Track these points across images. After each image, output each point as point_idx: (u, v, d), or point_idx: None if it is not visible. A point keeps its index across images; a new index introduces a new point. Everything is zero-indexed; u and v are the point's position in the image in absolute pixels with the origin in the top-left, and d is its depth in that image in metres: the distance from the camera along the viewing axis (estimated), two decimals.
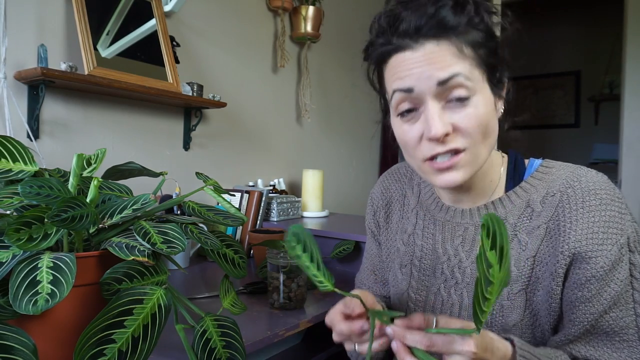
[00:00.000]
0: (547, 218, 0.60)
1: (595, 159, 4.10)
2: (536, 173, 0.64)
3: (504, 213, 0.63)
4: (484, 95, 0.57)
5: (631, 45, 2.70)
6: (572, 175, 0.61)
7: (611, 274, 0.55)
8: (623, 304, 0.56)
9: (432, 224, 0.71)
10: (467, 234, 0.66)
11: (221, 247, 0.66)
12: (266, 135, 1.97)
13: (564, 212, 0.58)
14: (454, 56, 0.55)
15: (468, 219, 0.66)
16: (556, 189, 0.61)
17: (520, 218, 0.62)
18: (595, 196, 0.58)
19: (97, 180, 0.58)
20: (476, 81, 0.56)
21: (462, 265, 0.66)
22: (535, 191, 0.62)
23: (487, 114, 0.57)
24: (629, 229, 0.57)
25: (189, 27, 1.62)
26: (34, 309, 0.43)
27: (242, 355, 0.57)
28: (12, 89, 1.14)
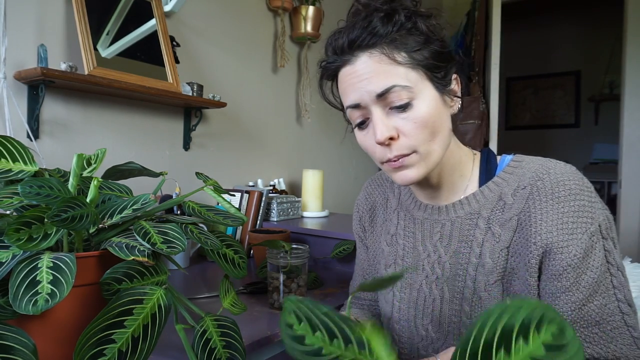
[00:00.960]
0: (519, 210, 0.62)
1: (595, 159, 4.10)
2: (507, 168, 0.65)
3: (477, 207, 0.65)
4: (427, 96, 0.60)
5: (631, 46, 2.70)
6: (541, 168, 0.62)
7: (585, 262, 0.57)
8: (604, 290, 0.57)
9: (412, 223, 0.73)
10: (444, 230, 0.68)
11: (221, 247, 0.66)
12: (266, 135, 1.97)
13: (534, 203, 0.60)
14: (388, 64, 0.59)
15: (444, 216, 0.69)
16: (526, 182, 0.62)
17: (493, 211, 0.64)
18: (564, 187, 0.59)
19: (97, 180, 0.58)
20: (415, 84, 0.60)
21: (441, 260, 0.68)
22: (507, 185, 0.64)
23: (432, 114, 0.60)
24: (600, 216, 0.58)
25: (189, 27, 1.62)
26: (33, 309, 0.43)
27: (242, 355, 0.57)
28: (12, 89, 1.14)
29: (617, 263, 0.57)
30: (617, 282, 0.57)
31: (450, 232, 0.67)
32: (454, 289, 0.66)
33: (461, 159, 0.68)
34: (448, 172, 0.68)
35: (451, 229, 0.67)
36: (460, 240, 0.66)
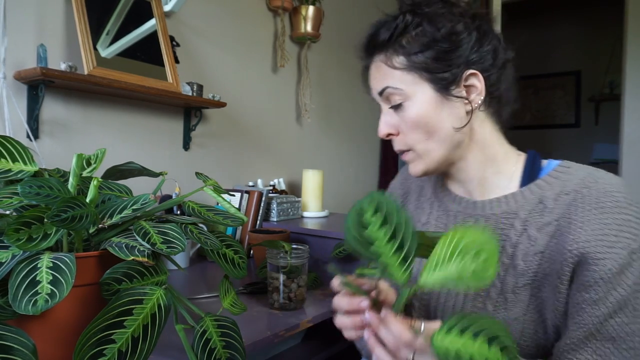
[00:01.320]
0: (559, 215, 0.60)
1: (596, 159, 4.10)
2: (553, 172, 0.64)
3: (515, 207, 0.64)
4: (421, 97, 0.63)
5: (631, 45, 2.70)
6: (589, 176, 0.61)
7: (619, 278, 0.55)
8: (631, 310, 0.55)
9: (445, 215, 0.73)
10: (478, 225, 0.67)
11: (221, 247, 0.66)
12: (266, 135, 1.97)
13: (577, 210, 0.58)
14: (385, 68, 0.65)
15: (480, 211, 0.68)
16: (571, 187, 0.61)
17: (531, 213, 0.62)
18: (610, 198, 0.57)
19: (96, 180, 0.58)
20: (409, 86, 0.63)
21: None
22: (550, 188, 0.62)
23: (424, 115, 0.63)
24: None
25: (189, 27, 1.62)
26: (33, 309, 0.43)
27: (242, 356, 0.57)
28: (11, 89, 1.14)
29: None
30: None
31: None
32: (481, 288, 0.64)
33: (496, 156, 0.67)
34: (477, 167, 0.67)
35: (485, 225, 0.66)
36: None
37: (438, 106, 0.63)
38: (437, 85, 0.63)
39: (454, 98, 0.63)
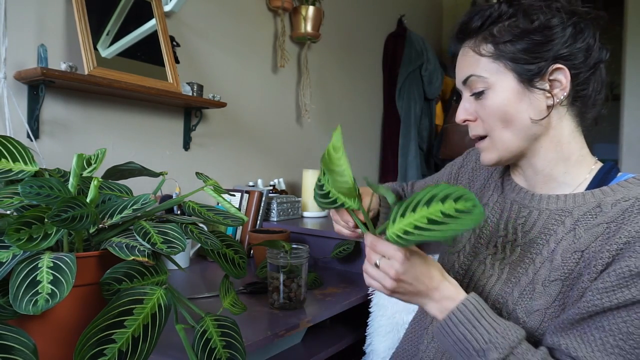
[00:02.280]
0: (612, 218, 0.59)
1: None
2: (623, 182, 0.63)
3: (572, 206, 0.64)
4: (503, 87, 0.65)
5: (631, 45, 2.70)
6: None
7: (635, 280, 0.53)
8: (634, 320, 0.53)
9: (503, 200, 0.74)
10: (531, 217, 0.68)
11: (221, 247, 0.66)
12: (266, 135, 1.97)
13: (631, 217, 0.58)
14: (472, 56, 0.67)
15: (535, 204, 0.68)
16: (633, 195, 0.60)
17: (586, 215, 0.62)
18: None
19: (97, 180, 0.58)
20: (492, 74, 0.65)
21: (515, 244, 0.68)
22: (613, 195, 0.62)
23: (504, 104, 0.65)
24: None
25: (189, 27, 1.62)
26: (34, 309, 0.43)
27: (242, 355, 0.57)
28: (12, 89, 1.14)
29: None
30: None
31: (535, 221, 0.67)
32: (513, 272, 0.66)
33: (570, 156, 0.67)
34: (546, 163, 0.68)
35: (537, 218, 0.67)
36: (541, 231, 0.66)
37: (519, 97, 0.64)
38: (521, 76, 0.64)
39: (536, 90, 0.64)
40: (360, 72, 2.60)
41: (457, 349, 0.59)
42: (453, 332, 0.59)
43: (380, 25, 2.75)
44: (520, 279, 0.64)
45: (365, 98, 2.67)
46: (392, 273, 0.59)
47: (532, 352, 0.57)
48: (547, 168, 0.68)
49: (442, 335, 0.61)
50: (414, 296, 0.62)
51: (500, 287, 0.66)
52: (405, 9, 2.91)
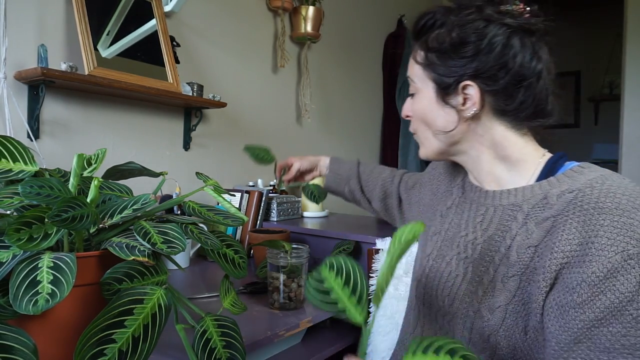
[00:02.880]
0: (557, 212, 0.59)
1: (595, 158, 4.10)
2: (568, 171, 0.63)
3: (522, 200, 0.65)
4: (425, 95, 0.70)
5: (631, 45, 2.70)
6: (599, 178, 0.59)
7: (608, 282, 0.52)
8: (630, 321, 0.51)
9: (465, 201, 0.76)
10: (487, 214, 0.69)
11: (221, 247, 0.66)
12: (266, 135, 1.97)
13: (575, 209, 0.57)
14: (411, 60, 0.72)
15: (490, 201, 0.70)
16: (577, 186, 0.59)
17: (534, 208, 0.62)
18: (612, 200, 0.55)
19: (97, 180, 0.58)
20: (420, 80, 0.70)
21: (475, 241, 0.69)
22: (558, 186, 0.62)
23: (424, 110, 0.71)
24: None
25: (189, 27, 1.62)
26: (34, 309, 0.43)
27: (242, 355, 0.57)
28: (12, 89, 1.14)
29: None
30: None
31: (491, 218, 0.68)
32: (476, 271, 0.66)
33: (510, 156, 0.68)
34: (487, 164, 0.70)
35: (493, 214, 0.68)
36: (498, 228, 0.66)
37: (435, 106, 0.69)
38: (439, 86, 0.67)
39: (447, 105, 0.67)
40: (360, 72, 2.60)
41: None
42: None
43: (380, 25, 2.75)
44: (482, 277, 0.65)
45: (365, 98, 2.67)
46: None
47: None
48: (487, 167, 0.70)
49: None
50: None
51: (466, 287, 0.67)
52: (405, 9, 2.91)
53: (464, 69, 0.63)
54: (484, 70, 0.63)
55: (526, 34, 0.63)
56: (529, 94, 0.64)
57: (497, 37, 0.62)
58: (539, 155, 0.68)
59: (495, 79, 0.63)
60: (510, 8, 0.64)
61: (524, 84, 0.63)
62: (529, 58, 0.63)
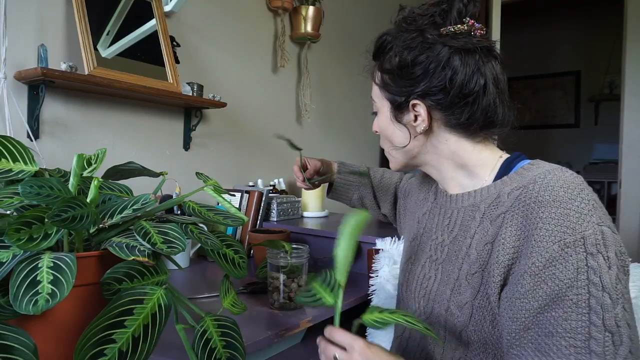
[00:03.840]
0: (506, 209, 0.63)
1: (595, 159, 4.10)
2: (519, 169, 0.66)
3: (479, 200, 0.68)
4: (383, 113, 0.75)
5: (631, 46, 2.70)
6: (543, 173, 0.62)
7: (547, 271, 0.55)
8: (570, 306, 0.54)
9: (435, 206, 0.80)
10: (452, 217, 0.73)
11: (221, 247, 0.66)
12: (266, 135, 1.97)
13: (519, 205, 0.61)
14: (373, 79, 0.76)
15: (454, 204, 0.73)
16: (523, 183, 0.63)
17: (490, 206, 0.66)
18: (550, 193, 0.58)
19: (97, 180, 0.58)
20: (379, 101, 0.75)
21: (443, 244, 0.73)
22: (510, 184, 0.65)
23: (383, 127, 0.76)
24: (588, 229, 0.55)
25: (189, 27, 1.62)
26: (34, 309, 0.43)
27: (242, 355, 0.57)
28: (12, 89, 1.14)
29: (603, 283, 0.53)
30: (596, 304, 0.53)
31: (455, 220, 0.72)
32: (445, 272, 0.70)
33: (467, 163, 0.71)
34: (448, 171, 0.74)
35: (456, 217, 0.72)
36: (460, 228, 0.70)
37: (391, 123, 0.74)
38: (392, 104, 0.72)
39: (399, 123, 0.73)
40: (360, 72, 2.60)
41: None
42: None
43: (380, 25, 2.75)
44: (450, 276, 0.69)
45: (365, 98, 2.66)
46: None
47: None
48: (449, 173, 0.74)
49: None
50: None
51: (438, 288, 0.71)
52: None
53: (411, 89, 0.68)
54: (429, 89, 0.67)
55: (467, 52, 0.66)
56: (476, 107, 0.67)
57: (438, 58, 0.66)
58: (496, 158, 0.71)
59: (440, 97, 0.67)
60: (451, 30, 0.66)
61: (468, 99, 0.66)
62: (469, 75, 0.66)
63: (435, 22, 0.68)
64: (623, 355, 0.52)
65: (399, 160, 0.78)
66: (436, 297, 0.70)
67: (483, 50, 0.66)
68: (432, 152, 0.73)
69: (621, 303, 0.53)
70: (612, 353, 0.52)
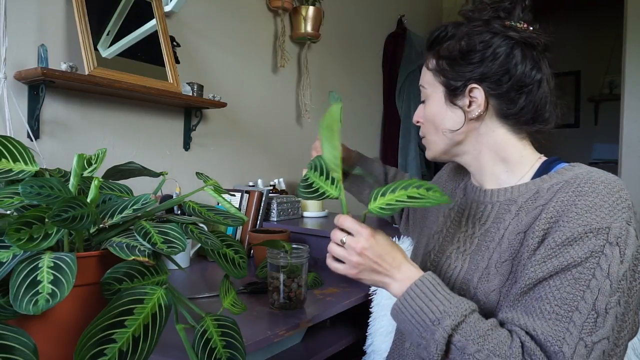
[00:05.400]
0: (546, 201, 0.65)
1: (595, 159, 4.10)
2: (560, 169, 0.69)
3: (517, 195, 0.71)
4: (435, 98, 0.76)
5: (631, 45, 2.70)
6: (587, 172, 0.65)
7: (563, 249, 0.59)
8: (569, 280, 0.58)
9: (466, 201, 0.82)
10: (485, 210, 0.75)
11: (221, 247, 0.66)
12: (266, 135, 1.97)
13: (558, 195, 0.64)
14: (424, 68, 0.78)
15: (488, 199, 0.75)
16: (564, 179, 0.66)
17: (527, 201, 0.69)
18: (590, 185, 0.62)
19: (97, 180, 0.58)
20: (430, 86, 0.76)
21: (473, 236, 0.75)
22: (549, 181, 0.68)
23: (434, 113, 0.76)
24: (616, 222, 0.58)
25: (189, 28, 1.62)
26: (34, 309, 0.43)
27: (242, 355, 0.57)
28: (12, 89, 1.14)
29: (610, 271, 0.57)
30: (595, 286, 0.56)
31: (489, 214, 0.74)
32: (473, 261, 0.72)
33: (509, 158, 0.74)
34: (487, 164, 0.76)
35: (490, 210, 0.74)
36: (494, 221, 0.72)
37: (443, 109, 0.75)
38: (446, 90, 0.74)
39: (454, 106, 0.74)
40: (360, 72, 2.60)
41: (414, 322, 0.63)
42: (410, 305, 0.63)
43: (380, 25, 2.75)
44: (478, 265, 0.71)
45: (365, 98, 2.67)
46: (358, 247, 0.65)
47: (482, 320, 0.61)
48: (488, 166, 0.76)
49: (400, 312, 0.65)
50: (377, 274, 0.67)
51: (464, 277, 0.73)
52: (405, 9, 2.91)
53: (471, 73, 0.70)
54: (489, 75, 0.69)
55: (527, 46, 0.70)
56: (529, 100, 0.70)
57: (501, 47, 0.69)
58: (535, 158, 0.74)
59: (498, 84, 0.70)
60: (514, 24, 0.70)
61: (524, 90, 0.70)
62: (529, 68, 0.69)
63: (500, 17, 0.71)
64: (600, 336, 0.55)
65: (439, 147, 0.78)
66: (461, 286, 0.72)
67: (541, 48, 0.71)
68: (476, 140, 0.75)
69: (618, 296, 0.57)
70: (590, 330, 0.55)
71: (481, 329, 0.59)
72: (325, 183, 0.69)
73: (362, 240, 0.65)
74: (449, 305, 0.61)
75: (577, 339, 0.55)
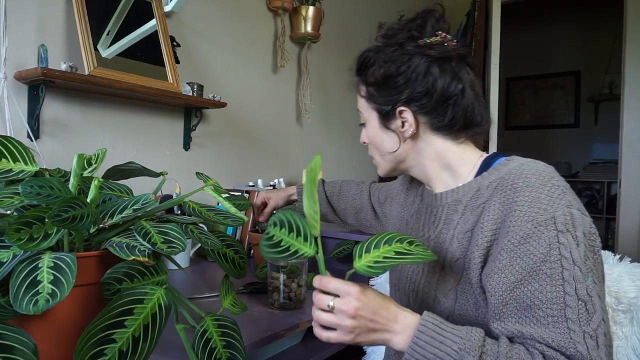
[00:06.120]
0: (485, 199, 0.68)
1: (595, 158, 4.10)
2: (497, 165, 0.72)
3: (462, 195, 0.74)
4: (371, 125, 0.79)
5: (631, 45, 2.70)
6: (519, 166, 0.68)
7: (522, 247, 0.60)
8: (544, 278, 0.59)
9: (422, 207, 0.84)
10: (437, 213, 0.78)
11: (221, 247, 0.66)
12: (266, 135, 1.97)
13: (497, 193, 0.66)
14: (358, 93, 0.81)
15: (439, 202, 0.78)
16: (501, 175, 0.69)
17: (471, 199, 0.72)
18: (524, 180, 0.64)
19: (97, 180, 0.58)
20: (365, 111, 0.80)
21: (429, 239, 0.77)
22: (489, 178, 0.71)
23: (373, 137, 0.80)
24: (558, 210, 0.61)
25: (189, 28, 1.62)
26: (34, 309, 0.43)
27: (242, 355, 0.57)
28: (12, 89, 1.14)
29: (573, 257, 0.58)
30: (569, 275, 0.58)
31: (440, 216, 0.77)
32: (431, 264, 0.75)
33: (451, 164, 0.76)
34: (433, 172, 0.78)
35: (441, 213, 0.77)
36: (445, 222, 0.75)
37: (380, 131, 0.78)
38: (379, 114, 0.77)
39: (388, 129, 0.77)
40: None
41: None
42: (424, 355, 0.59)
43: None
44: (436, 267, 0.74)
45: None
46: (350, 310, 0.59)
47: (495, 343, 0.60)
48: (434, 175, 0.79)
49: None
50: (374, 333, 0.62)
51: (426, 279, 0.75)
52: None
53: (397, 97, 0.73)
54: (413, 96, 0.72)
55: (444, 60, 0.72)
56: (457, 109, 0.73)
57: (419, 67, 0.72)
58: (477, 157, 0.77)
59: (424, 102, 0.73)
60: (428, 41, 0.73)
61: (449, 102, 0.72)
62: (449, 80, 0.72)
63: (413, 36, 0.74)
64: (597, 321, 0.57)
65: (387, 166, 0.82)
66: (424, 289, 0.75)
67: (457, 58, 0.73)
68: (418, 155, 0.78)
69: (591, 277, 0.58)
70: (586, 319, 0.56)
71: (501, 353, 0.58)
72: (297, 240, 0.60)
73: (353, 300, 0.59)
74: (462, 342, 0.59)
75: (581, 333, 0.56)
